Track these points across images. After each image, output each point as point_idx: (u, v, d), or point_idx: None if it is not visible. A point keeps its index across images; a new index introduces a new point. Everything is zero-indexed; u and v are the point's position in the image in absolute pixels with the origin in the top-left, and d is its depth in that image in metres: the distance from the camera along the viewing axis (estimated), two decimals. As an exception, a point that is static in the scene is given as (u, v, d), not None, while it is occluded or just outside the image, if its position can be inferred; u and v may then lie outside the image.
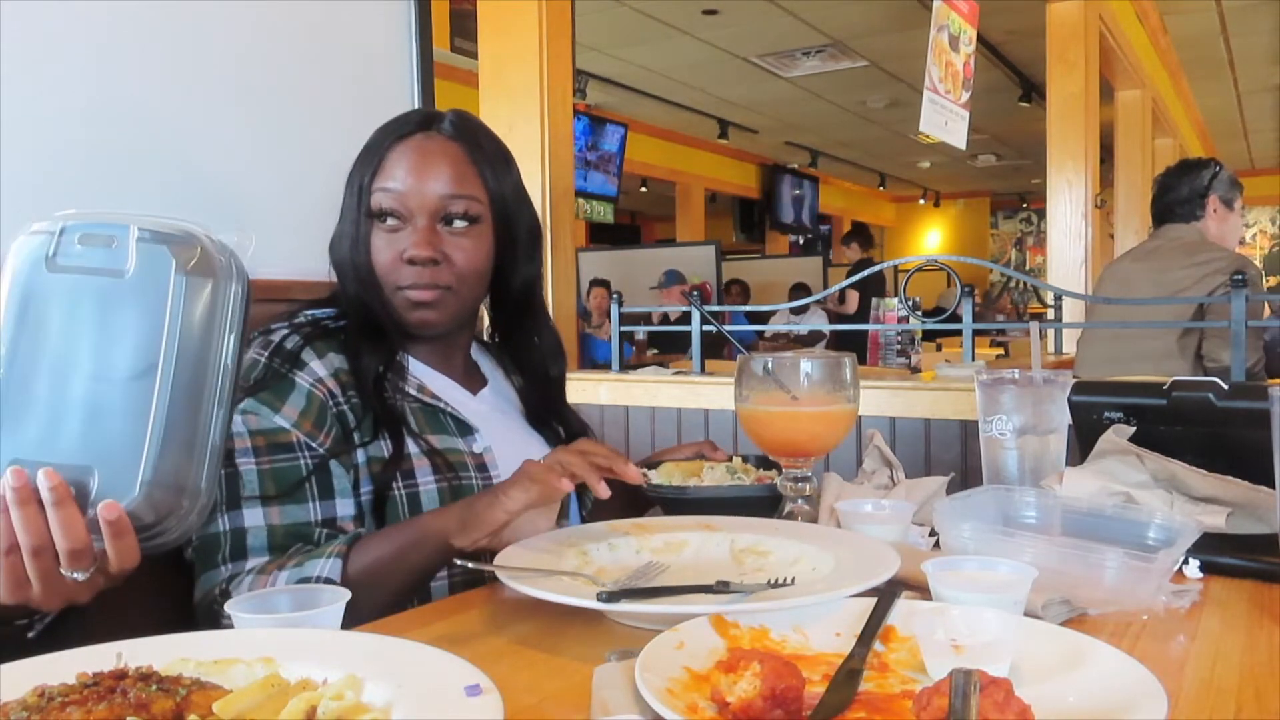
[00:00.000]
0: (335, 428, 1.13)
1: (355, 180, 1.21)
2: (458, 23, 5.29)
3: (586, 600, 0.80)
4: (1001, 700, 0.55)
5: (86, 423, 0.78)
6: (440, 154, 1.20)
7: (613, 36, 6.98)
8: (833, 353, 1.15)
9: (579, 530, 1.04)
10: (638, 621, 0.83)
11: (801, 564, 0.96)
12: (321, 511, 1.09)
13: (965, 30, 3.70)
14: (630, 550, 1.01)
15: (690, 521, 1.07)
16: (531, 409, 1.37)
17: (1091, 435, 1.16)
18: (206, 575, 1.04)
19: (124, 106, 1.30)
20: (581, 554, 0.97)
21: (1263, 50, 7.39)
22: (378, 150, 1.21)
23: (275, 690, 0.60)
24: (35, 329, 0.80)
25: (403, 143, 1.21)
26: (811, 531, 1.04)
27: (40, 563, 0.77)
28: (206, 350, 0.80)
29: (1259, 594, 0.92)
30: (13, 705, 0.57)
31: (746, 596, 0.81)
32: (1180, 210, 2.88)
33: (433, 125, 1.23)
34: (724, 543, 1.04)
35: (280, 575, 1.00)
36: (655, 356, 5.50)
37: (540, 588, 0.82)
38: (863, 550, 0.95)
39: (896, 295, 3.79)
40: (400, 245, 1.18)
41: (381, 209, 1.18)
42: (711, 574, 0.92)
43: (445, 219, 1.19)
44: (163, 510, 0.78)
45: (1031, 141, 9.17)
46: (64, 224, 0.82)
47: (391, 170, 1.19)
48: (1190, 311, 2.67)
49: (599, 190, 7.83)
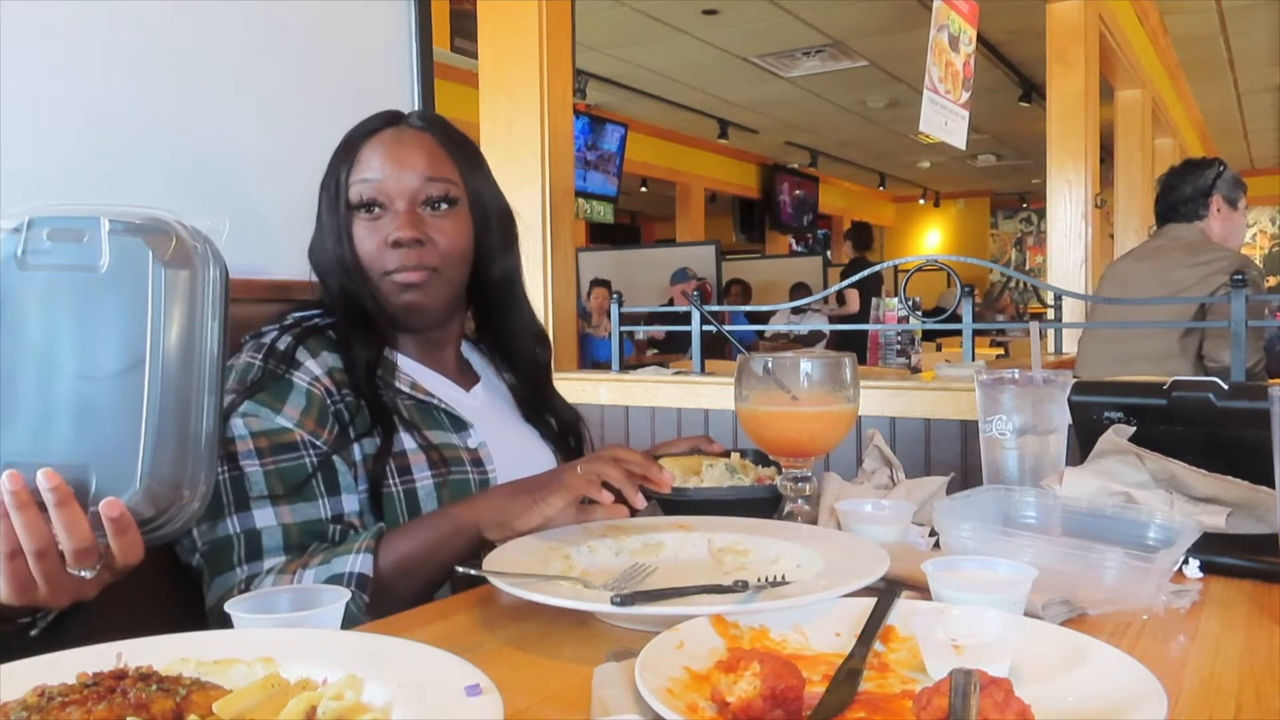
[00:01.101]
0: (335, 424, 1.13)
1: (331, 180, 1.23)
2: (458, 23, 5.29)
3: (602, 605, 0.80)
4: (1001, 700, 0.55)
5: (78, 422, 0.78)
6: (414, 143, 1.23)
7: (613, 36, 6.98)
8: (833, 353, 1.15)
9: (556, 534, 1.03)
10: (649, 625, 0.82)
11: (783, 562, 0.96)
12: (330, 508, 1.09)
13: (965, 30, 3.70)
14: (610, 553, 1.01)
15: (665, 522, 1.06)
16: (524, 404, 1.37)
17: (1091, 435, 1.16)
18: (221, 578, 1.04)
19: (124, 106, 1.30)
20: (564, 558, 0.97)
21: (1263, 50, 7.39)
22: (351, 148, 1.23)
23: (275, 690, 0.60)
24: (13, 330, 0.79)
25: (374, 137, 1.23)
26: (788, 530, 1.04)
27: (45, 564, 0.77)
28: (191, 339, 0.79)
29: (1259, 594, 0.92)
30: (13, 705, 0.57)
31: (756, 596, 0.81)
32: (1184, 209, 2.87)
33: (401, 121, 1.26)
34: (701, 542, 1.03)
35: (307, 574, 1.00)
36: (655, 356, 5.50)
37: (543, 593, 0.82)
38: (851, 547, 0.96)
39: (896, 295, 3.79)
40: (383, 231, 1.20)
41: (362, 199, 1.20)
42: (697, 575, 0.92)
43: (425, 202, 1.21)
44: (163, 503, 0.78)
45: (1031, 141, 9.17)
46: (30, 218, 0.80)
47: (367, 162, 1.21)
48: (1191, 311, 2.66)
49: (599, 190, 7.83)
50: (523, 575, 0.87)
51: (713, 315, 3.20)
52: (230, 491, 1.05)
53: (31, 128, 1.20)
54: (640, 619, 0.82)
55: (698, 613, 0.76)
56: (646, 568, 0.96)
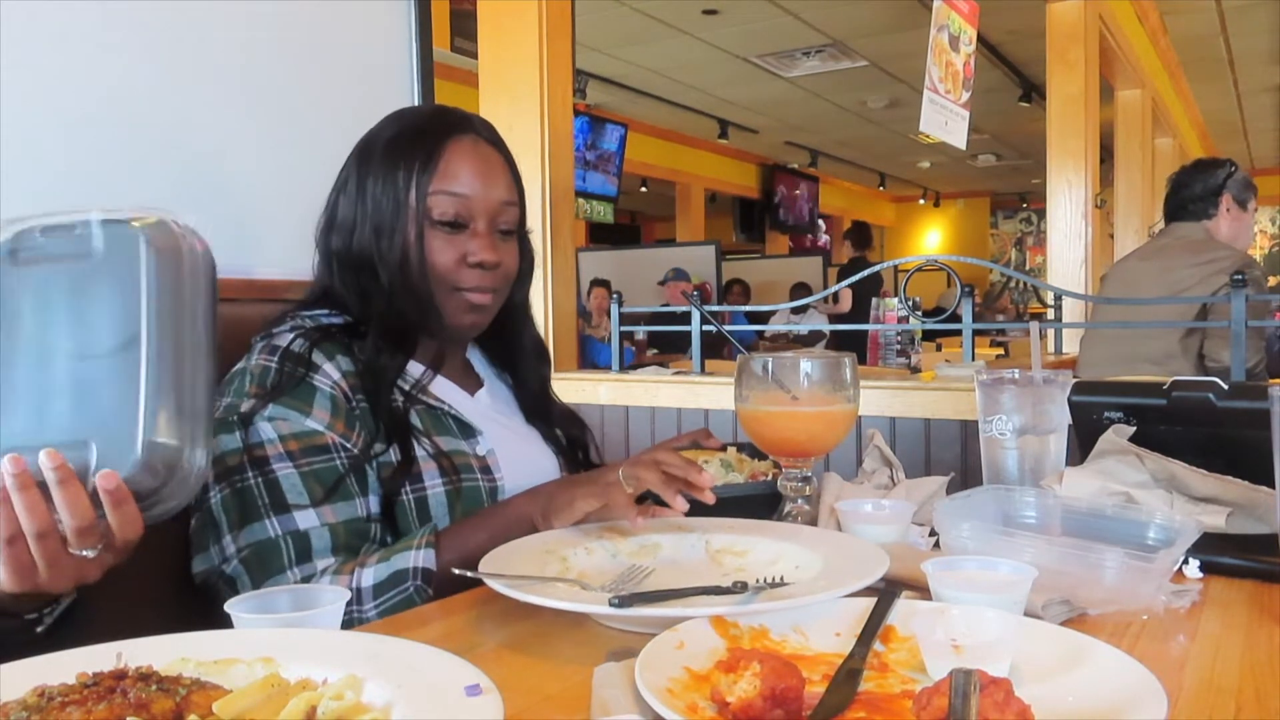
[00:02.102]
0: (360, 428, 1.13)
1: (395, 174, 1.18)
2: (458, 23, 5.30)
3: (600, 606, 0.79)
4: (1001, 700, 0.55)
5: (75, 401, 0.79)
6: (495, 161, 1.23)
7: (613, 36, 6.98)
8: (833, 353, 1.15)
9: (552, 536, 1.03)
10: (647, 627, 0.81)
11: (783, 562, 0.96)
12: (368, 507, 1.11)
13: (965, 30, 3.70)
14: (607, 554, 1.01)
15: (660, 523, 1.05)
16: (527, 406, 1.37)
17: (1091, 435, 1.16)
18: (271, 580, 1.03)
19: (121, 106, 1.30)
20: (561, 560, 0.97)
21: (1263, 50, 7.39)
22: (428, 150, 1.18)
23: (275, 690, 0.60)
24: (10, 323, 0.81)
25: (453, 144, 1.20)
26: (785, 530, 1.05)
27: (46, 546, 0.78)
28: (182, 318, 0.81)
29: (1259, 594, 0.92)
30: (13, 705, 0.57)
31: (755, 597, 0.81)
32: (1193, 208, 2.85)
33: (469, 127, 1.23)
34: (699, 544, 1.03)
35: (365, 572, 1.01)
36: (655, 356, 5.50)
37: (541, 595, 0.82)
38: (850, 548, 0.96)
39: (896, 295, 3.79)
40: (461, 248, 1.19)
41: (447, 215, 1.18)
42: (695, 576, 0.91)
43: (500, 225, 1.22)
44: (161, 473, 0.79)
45: (1031, 141, 9.17)
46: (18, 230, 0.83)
47: (453, 174, 1.18)
48: (1193, 311, 2.65)
49: (599, 190, 7.83)
50: (519, 577, 0.87)
51: (712, 315, 3.21)
52: (265, 494, 1.05)
53: (29, 129, 1.20)
54: (639, 621, 0.82)
55: (697, 614, 0.76)
56: (644, 569, 0.96)
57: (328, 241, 1.24)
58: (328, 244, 1.24)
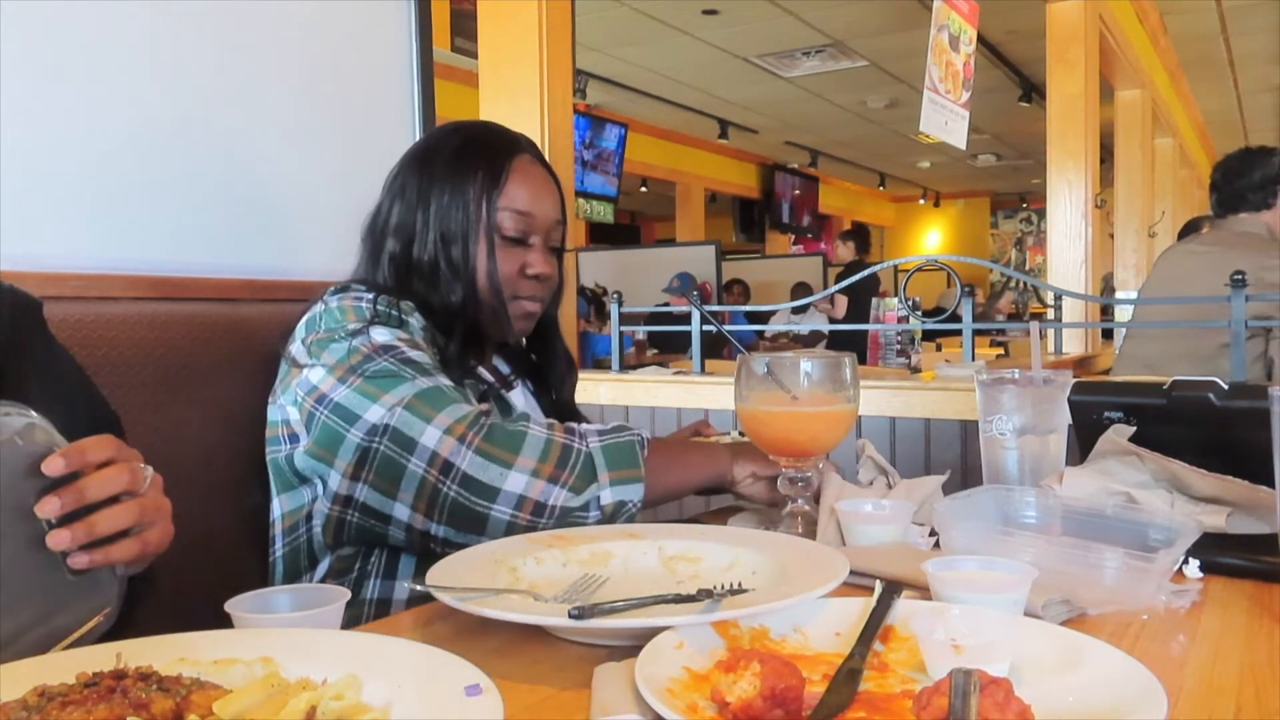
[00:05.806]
0: None
1: (471, 190, 1.26)
2: (458, 23, 5.30)
3: (558, 619, 0.76)
4: (1001, 700, 0.55)
5: None
6: (550, 182, 1.34)
7: (613, 36, 6.98)
8: (833, 352, 1.15)
9: (498, 545, 1.00)
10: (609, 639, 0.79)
11: (739, 568, 0.93)
12: None
13: (965, 30, 3.70)
14: (557, 563, 0.96)
15: (612, 530, 1.04)
16: (551, 411, 1.43)
17: (1091, 435, 1.16)
18: (449, 410, 1.08)
19: (120, 107, 1.30)
20: (511, 570, 0.93)
21: (1263, 50, 7.39)
22: (494, 167, 1.27)
23: (275, 690, 0.60)
24: None
25: (516, 162, 1.29)
26: (739, 536, 1.03)
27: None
28: None
29: (1259, 594, 0.92)
30: (13, 705, 0.57)
31: (719, 604, 0.76)
32: (1253, 197, 2.73)
33: (520, 148, 1.32)
34: (651, 550, 1.00)
35: (595, 441, 1.11)
36: (655, 356, 5.50)
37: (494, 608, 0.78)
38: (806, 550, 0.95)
39: (896, 295, 3.79)
40: (519, 259, 1.29)
41: (513, 230, 1.28)
42: (649, 584, 0.89)
43: (550, 242, 1.33)
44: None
45: (1031, 141, 9.18)
46: None
47: (518, 193, 1.28)
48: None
49: (599, 190, 7.83)
50: (470, 590, 0.83)
51: (712, 315, 3.20)
52: (406, 368, 1.11)
53: (34, 137, 1.20)
54: (600, 633, 0.78)
55: (660, 624, 0.73)
56: (597, 578, 0.92)
57: (379, 243, 1.29)
58: (379, 245, 1.29)
